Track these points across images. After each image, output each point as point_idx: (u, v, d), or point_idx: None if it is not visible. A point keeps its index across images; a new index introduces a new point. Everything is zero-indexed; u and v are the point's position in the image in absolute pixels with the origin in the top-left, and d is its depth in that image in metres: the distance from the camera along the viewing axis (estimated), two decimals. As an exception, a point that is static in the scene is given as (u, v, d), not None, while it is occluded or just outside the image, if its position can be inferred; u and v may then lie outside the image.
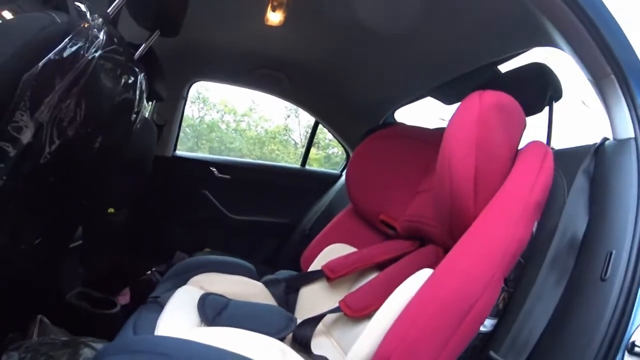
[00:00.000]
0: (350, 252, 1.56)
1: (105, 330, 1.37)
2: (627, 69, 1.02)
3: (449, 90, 2.12)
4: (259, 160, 5.65)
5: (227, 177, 2.83)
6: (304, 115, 5.64)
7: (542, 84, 1.45)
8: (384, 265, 1.41)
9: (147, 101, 1.57)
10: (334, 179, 2.99)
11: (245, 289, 1.47)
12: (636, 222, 0.89)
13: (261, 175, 2.98)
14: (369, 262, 1.46)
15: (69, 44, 1.00)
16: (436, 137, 1.52)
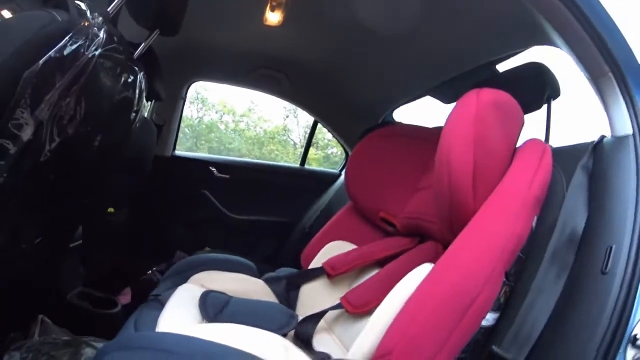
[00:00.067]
0: (350, 249, 1.56)
1: (106, 330, 1.37)
2: (625, 66, 1.03)
3: (447, 89, 2.12)
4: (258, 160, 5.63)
5: (226, 177, 2.83)
6: (303, 115, 5.67)
7: (540, 83, 1.46)
8: (384, 262, 1.41)
9: (146, 100, 1.57)
10: (333, 178, 2.99)
11: (246, 286, 1.48)
12: (635, 216, 0.89)
13: (261, 175, 2.98)
14: (369, 259, 1.47)
15: (69, 42, 1.00)
16: (434, 135, 1.52)
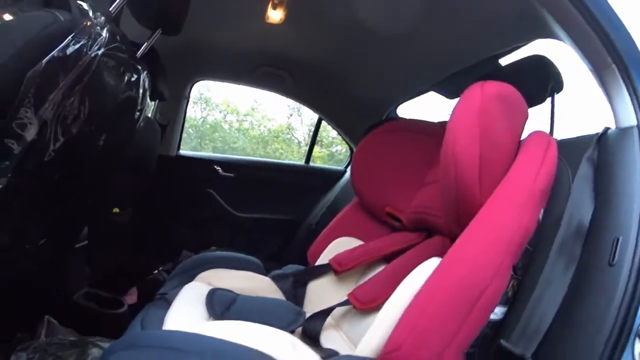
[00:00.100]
0: (357, 245, 1.56)
1: (113, 330, 1.37)
2: (628, 58, 1.03)
3: (451, 84, 2.11)
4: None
5: (231, 176, 2.83)
6: (307, 113, 5.66)
7: (543, 76, 1.45)
8: (391, 258, 1.41)
9: (150, 100, 1.57)
10: (338, 175, 2.98)
11: (253, 283, 1.48)
12: None
13: (265, 173, 2.98)
14: (375, 254, 1.46)
15: (72, 42, 1.00)
16: (439, 129, 1.52)
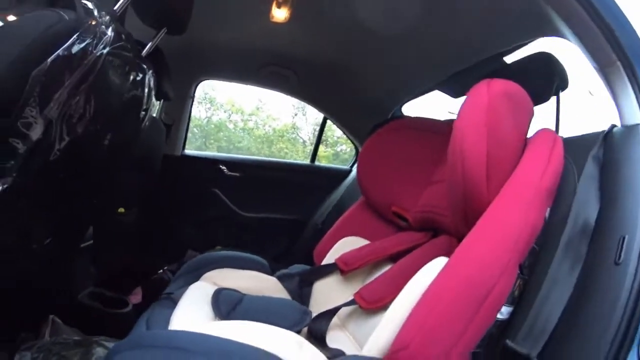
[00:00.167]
0: (363, 244, 1.55)
1: (117, 330, 1.37)
2: (633, 55, 1.02)
3: (455, 83, 2.10)
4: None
5: (236, 175, 2.83)
6: (312, 113, 5.65)
7: (549, 74, 1.45)
8: (397, 257, 1.40)
9: (155, 100, 1.56)
10: (344, 174, 2.97)
11: (258, 283, 1.47)
12: None
13: (271, 173, 2.97)
14: (382, 254, 1.46)
15: (77, 41, 1.00)
16: (445, 127, 1.52)
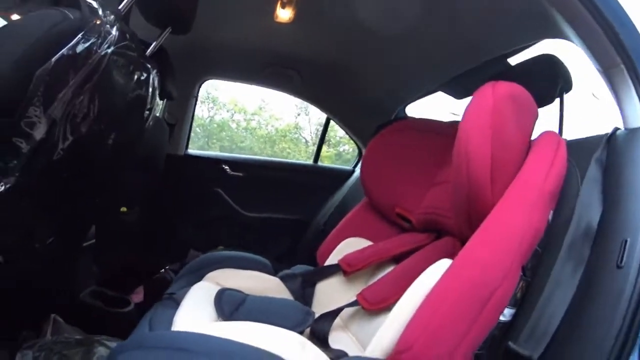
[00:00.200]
0: (366, 245, 1.55)
1: (119, 329, 1.37)
2: (636, 58, 1.02)
3: (459, 84, 2.12)
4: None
5: (239, 175, 2.83)
6: (315, 113, 5.65)
7: (553, 76, 1.44)
8: (400, 258, 1.40)
9: (159, 99, 1.56)
10: (346, 175, 2.97)
11: (261, 284, 1.47)
12: None
13: (274, 172, 2.97)
14: (384, 255, 1.45)
15: (81, 40, 1.00)
16: (448, 129, 1.52)
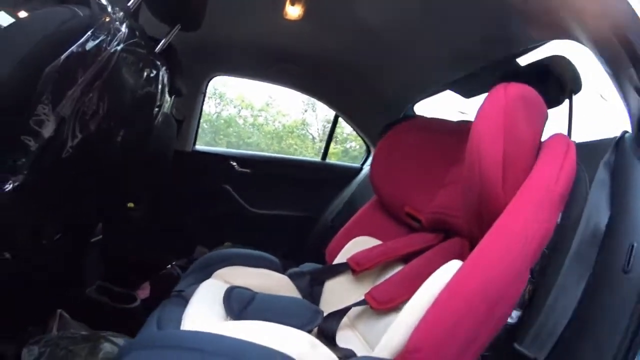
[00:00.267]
0: (375, 244, 1.55)
1: (125, 325, 1.38)
2: None
3: (468, 83, 2.11)
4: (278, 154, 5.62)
5: (247, 171, 2.83)
6: (322, 109, 5.63)
7: (562, 77, 1.44)
8: (409, 258, 1.40)
9: (168, 95, 1.56)
10: (354, 172, 2.97)
11: (269, 281, 1.46)
12: None
13: (282, 169, 2.98)
14: (393, 254, 1.45)
15: (91, 37, 1.00)
16: (458, 128, 1.51)
